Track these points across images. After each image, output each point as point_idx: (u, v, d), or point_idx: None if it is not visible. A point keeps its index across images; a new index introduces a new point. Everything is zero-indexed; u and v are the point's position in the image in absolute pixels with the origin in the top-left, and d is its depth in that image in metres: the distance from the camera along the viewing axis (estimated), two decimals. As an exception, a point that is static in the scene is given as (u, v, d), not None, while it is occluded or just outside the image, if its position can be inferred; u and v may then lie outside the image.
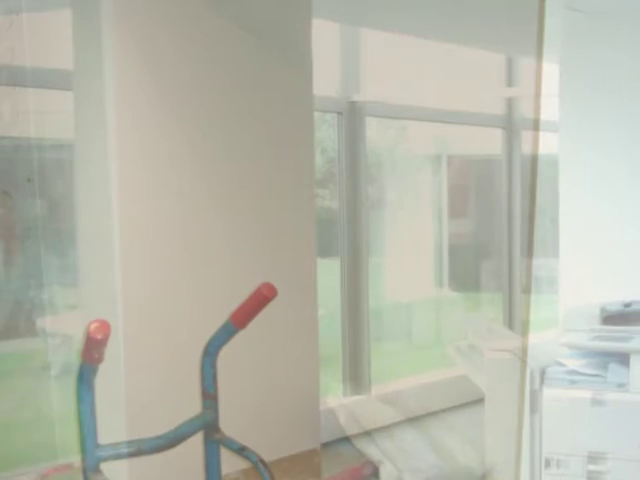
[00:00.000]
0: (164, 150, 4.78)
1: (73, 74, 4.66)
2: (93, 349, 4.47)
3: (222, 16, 4.96)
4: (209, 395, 5.31)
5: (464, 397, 10.75)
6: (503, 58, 12.84)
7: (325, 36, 10.23)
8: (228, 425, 5.30)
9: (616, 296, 7.67)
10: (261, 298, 4.84)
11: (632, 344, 6.91)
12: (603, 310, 7.18)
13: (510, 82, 13.17)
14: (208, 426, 5.35)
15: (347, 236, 10.90)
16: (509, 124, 13.28)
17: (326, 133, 10.91)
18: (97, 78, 4.57)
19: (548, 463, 7.03)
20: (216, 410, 5.33)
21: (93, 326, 4.33)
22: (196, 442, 5.28)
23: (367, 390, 11.00)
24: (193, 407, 5.29)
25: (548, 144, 12.42)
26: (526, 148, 13.38)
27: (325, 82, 10.36)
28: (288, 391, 5.39)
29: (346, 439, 10.19)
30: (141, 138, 4.63)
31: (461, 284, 14.20)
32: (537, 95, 7.71)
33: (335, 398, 10.65)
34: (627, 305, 7.35)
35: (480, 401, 7.59)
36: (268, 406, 5.32)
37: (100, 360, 4.56)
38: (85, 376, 4.64)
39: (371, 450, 10.00)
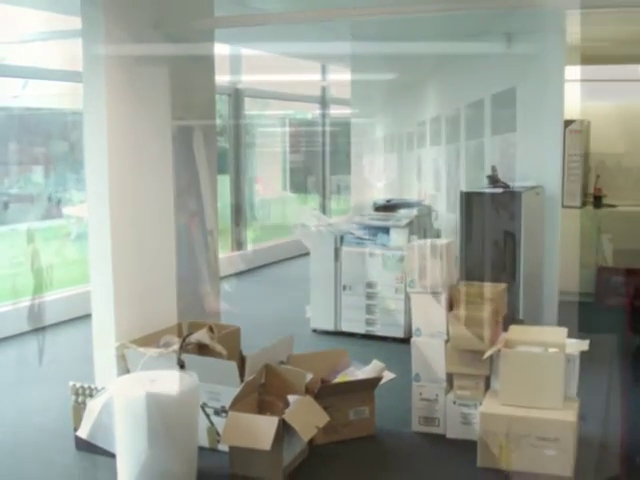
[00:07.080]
0: (135, 114, 4.63)
1: (82, 74, 4.48)
2: None
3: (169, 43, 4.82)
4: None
5: (299, 252, 10.81)
6: (319, 64, 12.70)
7: (222, 51, 10.00)
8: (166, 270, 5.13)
9: (382, 196, 7.73)
10: None
11: (390, 222, 6.94)
12: (375, 204, 7.22)
13: (323, 77, 13.06)
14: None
15: (233, 162, 10.75)
16: (323, 101, 13.20)
17: (223, 106, 10.70)
18: (96, 76, 4.42)
19: (345, 288, 7.04)
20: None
21: None
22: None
23: (245, 248, 10.98)
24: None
25: (342, 112, 12.45)
26: (333, 114, 13.34)
27: (222, 76, 10.17)
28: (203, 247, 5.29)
29: (234, 274, 10.19)
30: (119, 108, 4.50)
31: (297, 189, 14.10)
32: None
33: (227, 252, 10.63)
34: (388, 201, 7.40)
35: (307, 254, 7.60)
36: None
37: None
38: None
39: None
